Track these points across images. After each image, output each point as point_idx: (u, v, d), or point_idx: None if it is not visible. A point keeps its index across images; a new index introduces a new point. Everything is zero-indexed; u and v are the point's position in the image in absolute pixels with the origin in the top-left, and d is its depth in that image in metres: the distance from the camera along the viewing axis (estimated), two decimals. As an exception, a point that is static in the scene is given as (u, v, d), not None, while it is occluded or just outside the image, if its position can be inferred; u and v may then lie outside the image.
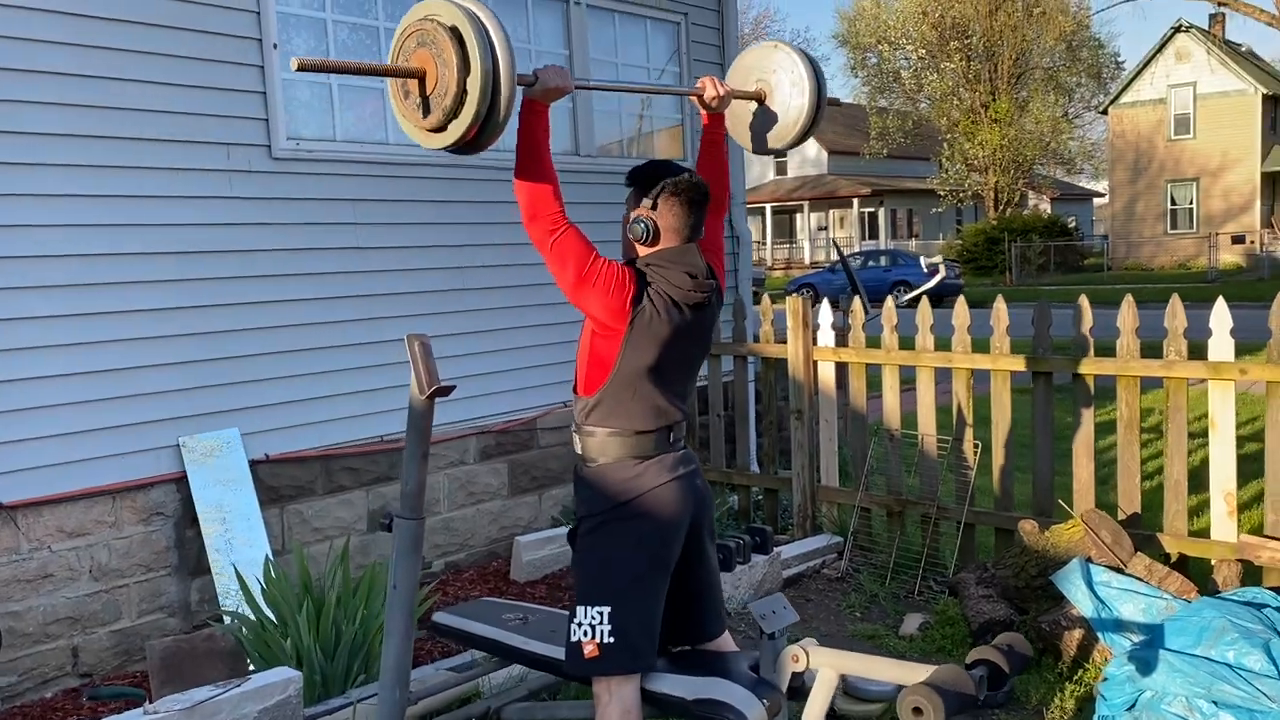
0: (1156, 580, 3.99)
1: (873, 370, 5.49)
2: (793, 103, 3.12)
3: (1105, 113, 37.50)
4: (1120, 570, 4.07)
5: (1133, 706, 3.33)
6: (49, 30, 4.07)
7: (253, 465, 4.63)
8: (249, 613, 3.88)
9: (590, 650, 2.70)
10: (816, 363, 5.60)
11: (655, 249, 2.74)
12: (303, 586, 3.83)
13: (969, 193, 38.84)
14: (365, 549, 5.05)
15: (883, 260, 28.52)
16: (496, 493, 5.70)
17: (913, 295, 7.10)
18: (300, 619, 3.64)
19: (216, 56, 4.54)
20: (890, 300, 5.35)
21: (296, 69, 2.29)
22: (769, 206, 42.51)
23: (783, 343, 5.72)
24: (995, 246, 33.86)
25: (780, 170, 44.46)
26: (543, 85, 2.58)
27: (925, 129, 40.30)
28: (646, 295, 2.65)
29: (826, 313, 5.57)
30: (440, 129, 2.47)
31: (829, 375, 5.59)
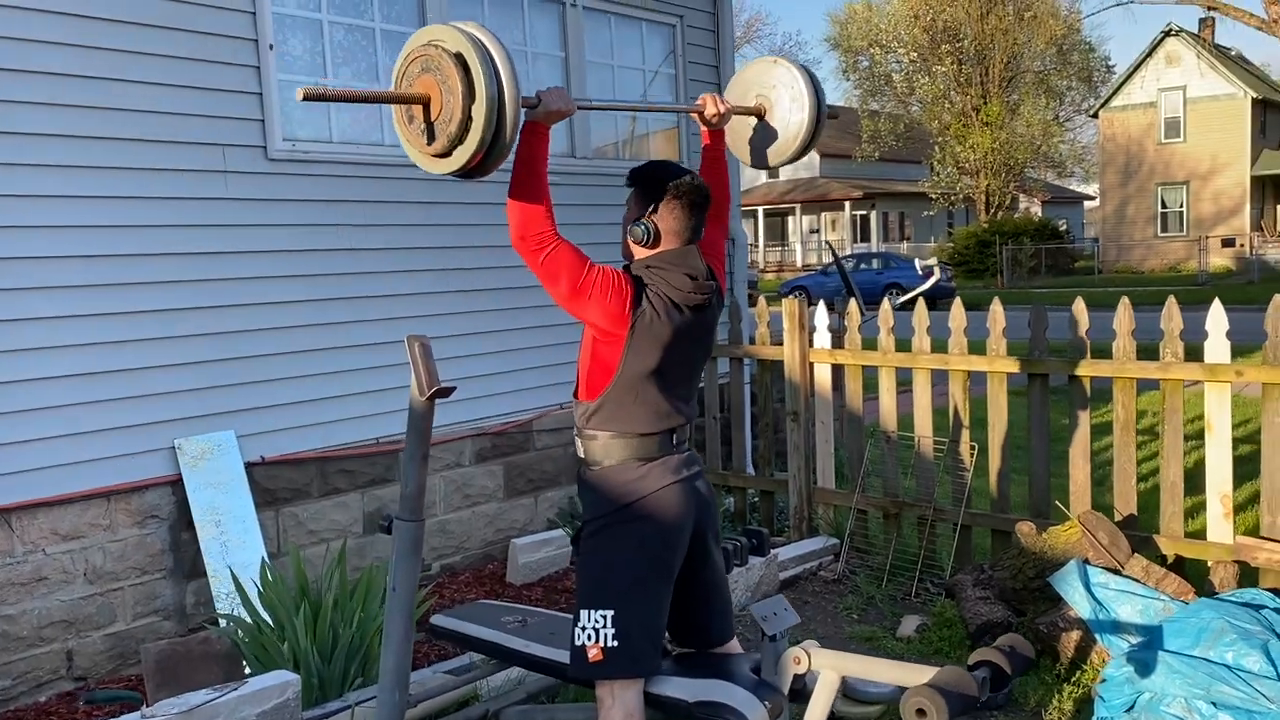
0: (1154, 582, 4.00)
1: (869, 372, 5.50)
2: (792, 118, 3.13)
3: (1096, 116, 37.65)
4: (1117, 572, 4.08)
5: (1131, 708, 3.33)
6: (48, 31, 4.05)
7: (248, 467, 4.61)
8: (245, 616, 3.86)
9: (594, 654, 2.69)
10: (813, 365, 5.60)
11: (655, 251, 2.73)
12: (299, 589, 3.80)
13: (960, 196, 38.93)
14: (361, 551, 5.04)
15: (875, 263, 28.59)
16: (492, 495, 5.69)
17: (908, 297, 7.12)
18: (297, 622, 3.62)
19: (212, 57, 4.53)
20: (886, 302, 5.36)
21: (302, 99, 2.28)
22: (761, 209, 42.56)
23: (779, 345, 5.72)
24: (986, 249, 33.94)
25: (772, 173, 44.47)
26: (545, 108, 2.57)
27: (917, 132, 40.39)
28: (646, 298, 2.64)
29: (823, 315, 5.58)
30: (445, 155, 2.46)
31: (825, 377, 5.60)
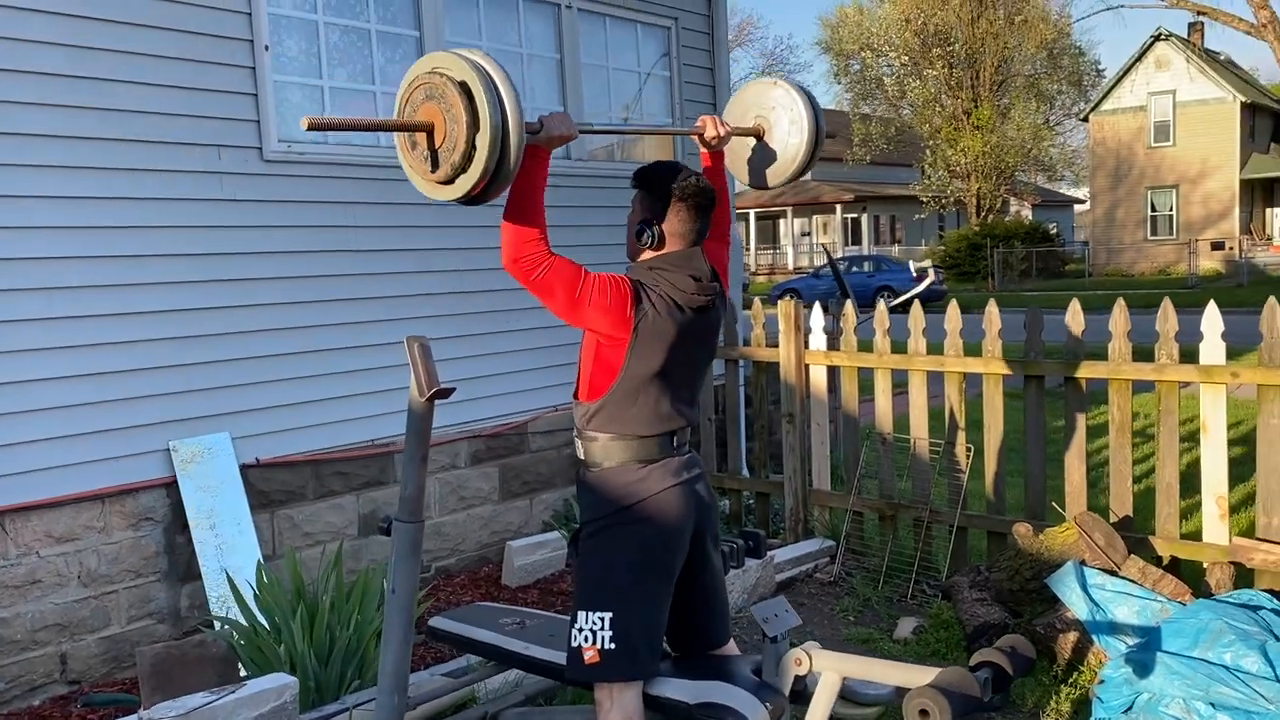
0: (1150, 583, 4.01)
1: (864, 374, 5.50)
2: (790, 141, 3.14)
3: (1086, 120, 37.79)
4: (1114, 573, 4.08)
5: (1130, 709, 3.33)
6: (44, 31, 4.03)
7: (243, 469, 4.60)
8: (240, 618, 3.84)
9: (591, 656, 2.68)
10: (808, 366, 5.60)
11: (660, 252, 2.73)
12: (295, 592, 3.79)
13: (951, 199, 39.04)
14: (357, 554, 5.02)
15: (867, 266, 28.63)
16: (487, 497, 5.67)
17: (902, 299, 7.13)
18: (294, 624, 3.60)
19: (208, 58, 4.52)
20: (882, 304, 5.37)
21: (307, 128, 2.28)
22: (753, 212, 42.59)
23: (774, 346, 5.72)
24: (977, 252, 34.02)
25: (763, 177, 44.41)
26: (547, 133, 2.57)
27: (908, 135, 40.49)
28: (648, 299, 2.64)
29: (818, 316, 5.58)
30: (447, 182, 2.45)
31: (821, 379, 5.60)
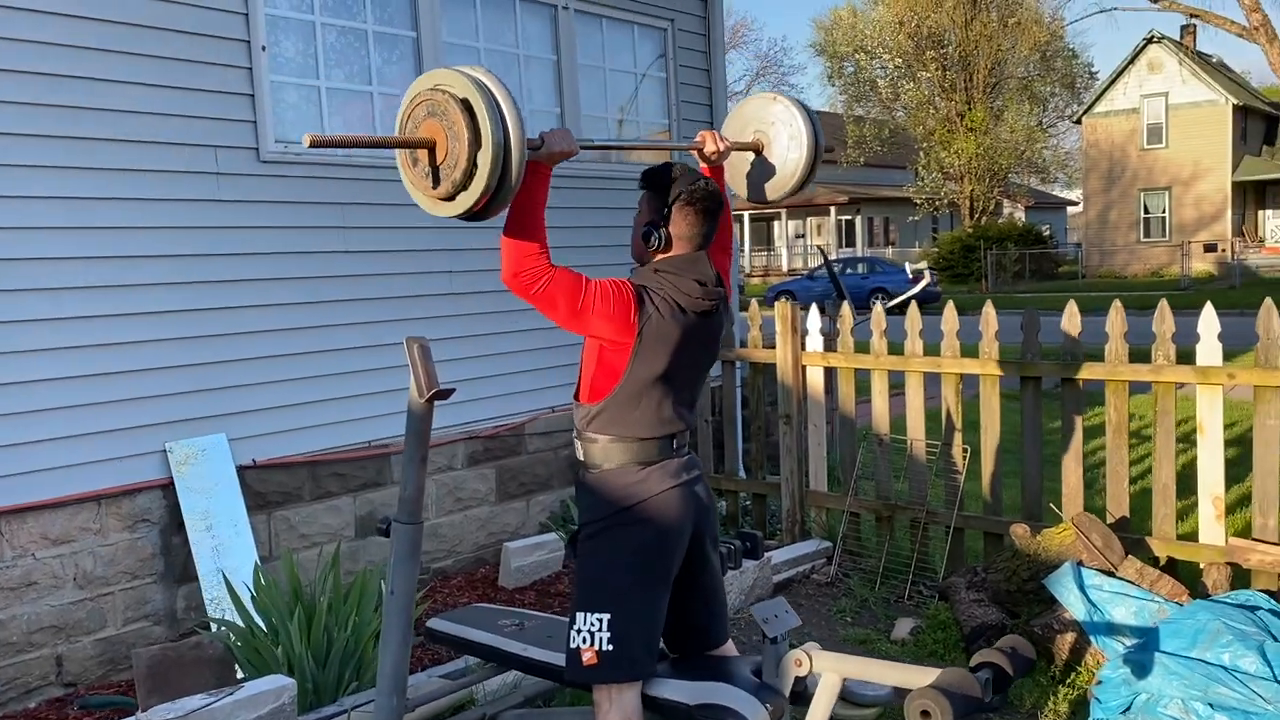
0: (1147, 583, 4.02)
1: (860, 375, 5.50)
2: (790, 156, 3.16)
3: (1079, 122, 37.88)
4: (1111, 574, 4.09)
5: (1128, 709, 3.34)
6: (37, 31, 4.02)
7: (239, 471, 4.58)
8: (237, 620, 3.83)
9: (589, 657, 2.68)
10: (805, 368, 5.60)
11: (666, 255, 2.73)
12: (293, 593, 3.78)
13: (945, 201, 39.07)
14: (354, 555, 5.01)
15: (861, 267, 28.67)
16: (484, 499, 5.67)
17: (898, 301, 7.15)
18: (292, 626, 3.59)
19: (204, 58, 4.51)
20: (879, 306, 5.38)
21: (308, 145, 2.29)
22: (746, 214, 42.59)
23: (771, 348, 5.72)
24: (971, 254, 34.08)
25: (758, 178, 44.42)
26: (548, 149, 2.57)
27: (901, 138, 40.52)
28: (651, 303, 2.64)
29: (815, 318, 5.58)
30: (449, 199, 2.46)
31: (817, 380, 5.60)
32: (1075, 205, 47.17)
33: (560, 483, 6.02)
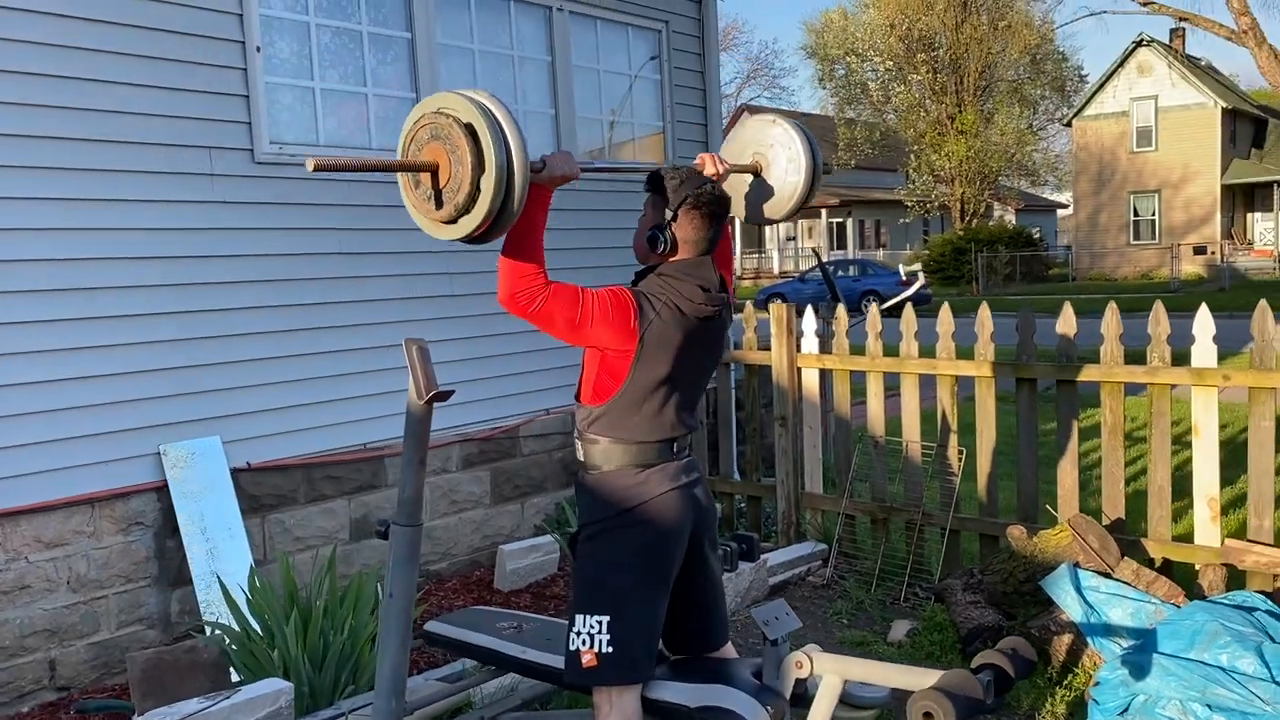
0: (1144, 585, 4.02)
1: (856, 377, 5.50)
2: (788, 179, 3.17)
3: (1069, 125, 38.00)
4: (1108, 575, 4.10)
5: (1126, 710, 3.34)
6: (29, 31, 4.00)
7: (234, 474, 4.56)
8: (232, 623, 3.81)
9: (589, 660, 2.67)
10: (800, 369, 5.60)
11: (670, 260, 2.73)
12: (288, 596, 3.76)
13: (936, 204, 39.19)
14: (348, 558, 4.99)
15: (852, 270, 28.71)
16: (479, 501, 5.65)
17: (892, 303, 7.16)
18: (288, 629, 3.57)
19: (199, 59, 4.49)
20: (875, 308, 5.38)
21: (312, 170, 2.28)
22: (738, 217, 42.64)
23: (766, 350, 5.72)
24: (962, 257, 34.16)
25: (749, 180, 44.43)
26: (549, 172, 2.57)
27: (892, 140, 40.63)
28: (653, 308, 2.63)
29: (810, 320, 5.58)
30: (451, 222, 2.46)
31: (813, 382, 5.60)
32: (1065, 208, 47.36)
33: (555, 485, 6.01)
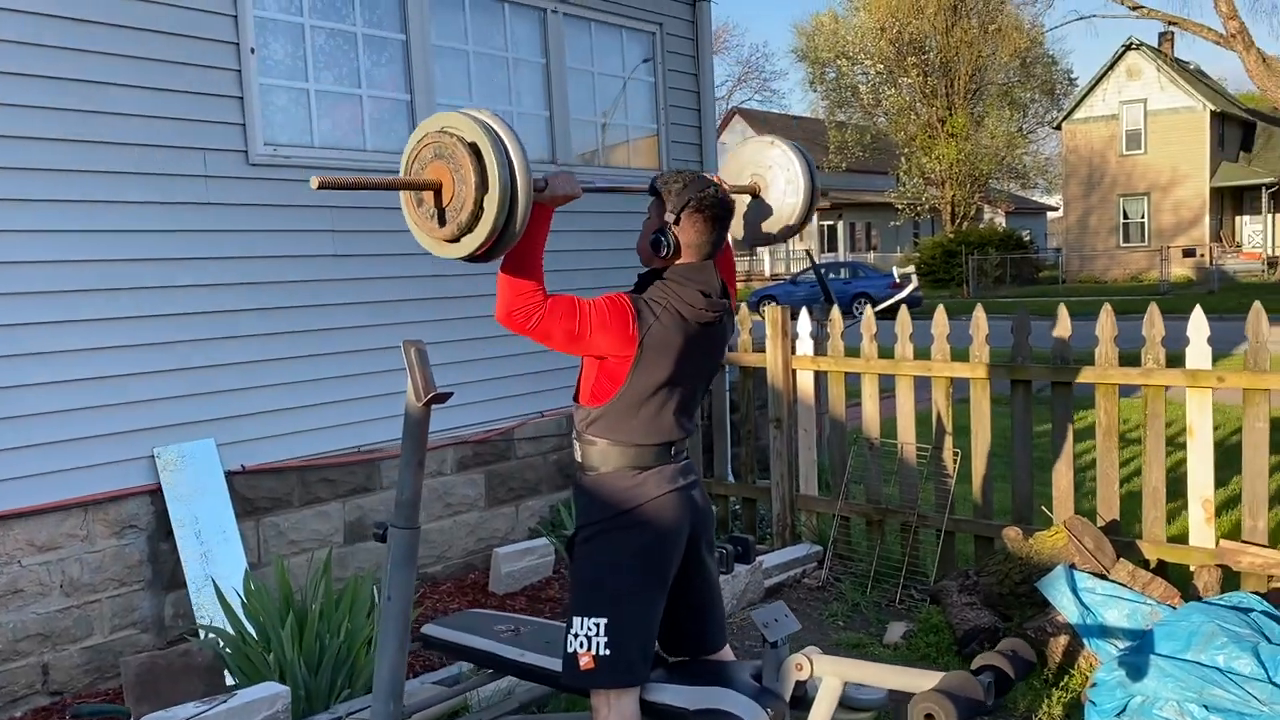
0: (1140, 586, 4.03)
1: (851, 379, 5.51)
2: (787, 200, 3.19)
3: (1059, 128, 38.13)
4: (1103, 576, 4.10)
5: (1123, 711, 3.35)
6: (21, 31, 3.98)
7: (228, 476, 4.54)
8: (227, 627, 3.79)
9: (586, 662, 2.67)
10: (795, 371, 5.60)
11: (673, 263, 2.72)
12: (284, 599, 3.75)
13: (926, 206, 39.29)
14: (343, 561, 4.97)
15: (843, 272, 28.76)
16: (473, 504, 5.64)
17: (887, 305, 7.17)
18: (283, 633, 3.56)
19: (193, 60, 4.47)
20: (870, 310, 5.39)
21: (316, 188, 2.28)
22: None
23: (760, 351, 5.72)
24: (952, 259, 34.24)
25: (740, 183, 44.46)
26: (552, 192, 2.57)
27: (883, 143, 40.69)
28: (652, 313, 2.63)
29: (805, 322, 5.59)
30: (453, 240, 2.46)
31: (808, 384, 5.60)
32: (1055, 210, 47.48)
33: (549, 488, 6.00)
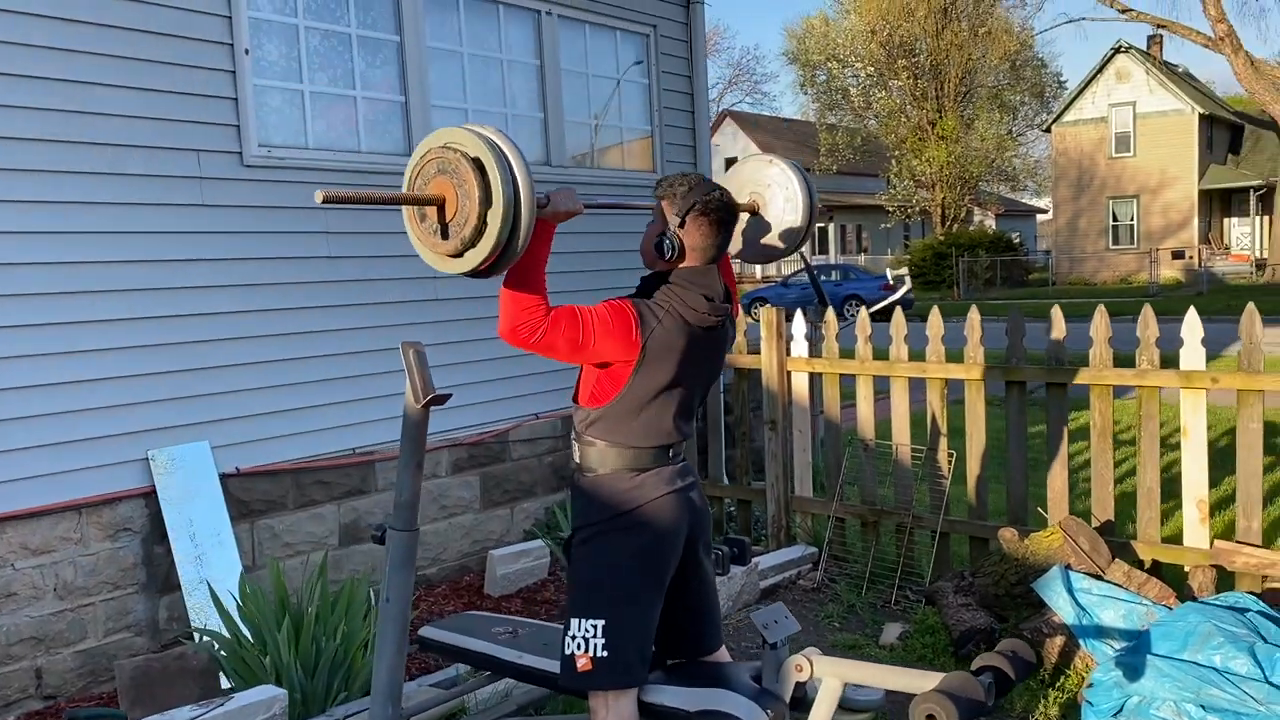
0: (1135, 586, 4.04)
1: (845, 380, 5.51)
2: (786, 218, 3.19)
3: (1048, 131, 38.27)
4: (1099, 577, 4.11)
5: (1119, 711, 3.35)
6: (16, 32, 3.96)
7: (223, 479, 4.52)
8: (222, 630, 3.78)
9: (584, 664, 2.66)
10: (790, 373, 5.61)
11: (677, 267, 2.72)
12: (279, 602, 3.73)
13: (917, 209, 39.40)
14: (338, 564, 4.96)
15: (834, 275, 28.82)
16: (468, 506, 5.62)
17: (882, 306, 7.19)
18: (279, 636, 3.55)
19: (187, 61, 4.46)
20: (864, 311, 5.39)
21: (321, 202, 2.28)
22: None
23: (755, 353, 5.73)
24: (943, 261, 34.34)
25: (731, 185, 44.51)
26: (554, 209, 2.56)
27: (874, 146, 40.82)
28: (655, 317, 2.62)
29: (800, 324, 5.59)
30: (457, 255, 2.46)
31: (803, 385, 5.61)
32: (1045, 213, 47.67)
33: (545, 490, 5.99)
